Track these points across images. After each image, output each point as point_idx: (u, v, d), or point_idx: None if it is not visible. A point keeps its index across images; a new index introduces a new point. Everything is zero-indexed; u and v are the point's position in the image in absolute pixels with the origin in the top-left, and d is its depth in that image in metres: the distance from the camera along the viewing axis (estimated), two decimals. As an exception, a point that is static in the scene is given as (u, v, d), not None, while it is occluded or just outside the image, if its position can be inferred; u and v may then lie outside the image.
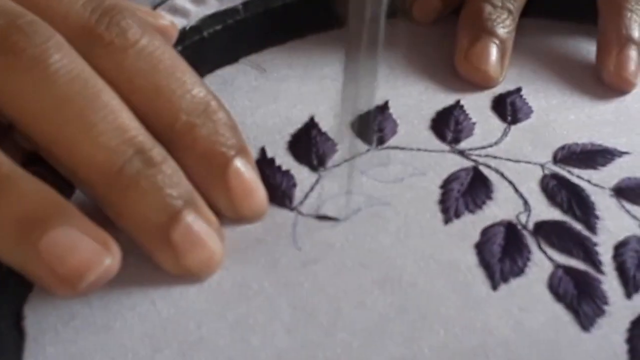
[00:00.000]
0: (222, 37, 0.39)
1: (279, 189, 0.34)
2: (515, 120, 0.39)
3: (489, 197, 0.35)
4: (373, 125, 0.37)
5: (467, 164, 0.36)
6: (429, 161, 0.36)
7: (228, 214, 0.31)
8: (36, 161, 0.30)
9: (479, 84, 0.40)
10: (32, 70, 0.28)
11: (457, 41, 0.41)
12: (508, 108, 0.39)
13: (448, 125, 0.38)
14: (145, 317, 0.29)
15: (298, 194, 0.34)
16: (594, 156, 0.37)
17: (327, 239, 0.32)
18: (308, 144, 0.36)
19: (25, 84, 0.28)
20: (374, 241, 0.32)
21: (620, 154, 0.37)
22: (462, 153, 0.37)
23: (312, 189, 0.34)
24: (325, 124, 0.37)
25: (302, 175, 0.35)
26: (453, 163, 0.36)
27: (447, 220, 0.33)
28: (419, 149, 0.37)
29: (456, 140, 0.37)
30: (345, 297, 0.30)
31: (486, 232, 0.33)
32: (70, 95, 0.28)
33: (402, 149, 0.37)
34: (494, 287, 0.31)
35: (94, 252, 0.27)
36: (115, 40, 0.30)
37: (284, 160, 0.36)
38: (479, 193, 0.35)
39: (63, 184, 0.30)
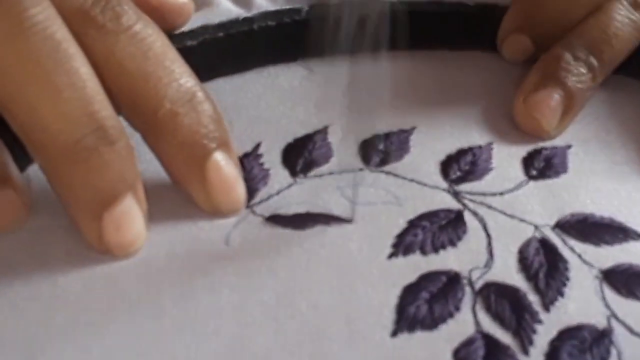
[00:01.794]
0: (273, 34, 0.40)
1: (247, 184, 0.34)
2: (540, 176, 0.35)
3: (453, 244, 0.32)
4: (376, 147, 0.36)
5: (455, 206, 0.34)
6: (415, 194, 0.34)
7: (204, 206, 0.32)
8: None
9: (530, 133, 0.37)
10: (5, 19, 0.27)
11: (524, 83, 0.39)
12: (540, 163, 0.36)
13: (459, 163, 0.36)
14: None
15: (263, 193, 0.34)
16: (604, 231, 0.33)
17: (257, 243, 0.32)
18: (302, 149, 0.36)
19: None
20: (298, 259, 0.31)
21: (638, 237, 0.32)
22: (456, 194, 0.34)
23: (278, 192, 0.34)
24: (337, 136, 0.37)
25: (278, 177, 0.34)
26: (440, 201, 0.34)
27: (391, 255, 0.31)
28: (412, 180, 0.35)
29: (459, 180, 0.35)
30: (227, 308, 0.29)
31: (424, 278, 0.31)
32: (39, 54, 0.28)
33: (395, 175, 0.35)
34: (394, 333, 0.29)
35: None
36: (108, 24, 0.30)
37: (272, 159, 0.35)
38: (444, 237, 0.32)
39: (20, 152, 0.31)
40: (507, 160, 0.36)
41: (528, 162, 0.36)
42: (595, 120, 0.39)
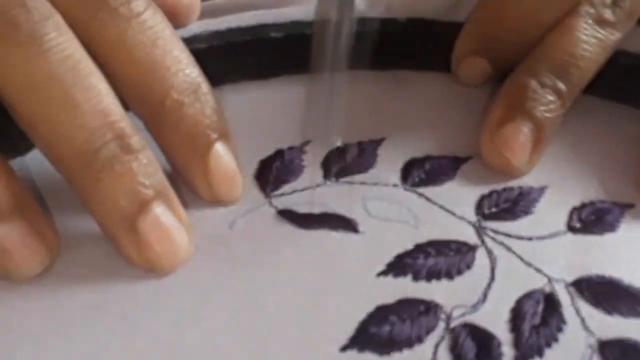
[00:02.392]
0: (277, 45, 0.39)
1: (278, 174, 0.34)
2: (583, 230, 0.32)
3: (450, 277, 0.31)
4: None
5: (473, 240, 0.32)
6: (437, 220, 0.33)
7: (204, 195, 0.32)
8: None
9: (499, 171, 0.34)
10: (26, 44, 0.28)
11: (488, 117, 0.35)
12: (590, 216, 0.33)
13: (499, 199, 0.34)
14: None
15: (288, 187, 0.34)
16: (624, 300, 0.30)
17: (257, 233, 0.32)
18: (344, 155, 0.35)
19: (17, 57, 0.28)
20: (287, 256, 0.31)
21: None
22: (480, 229, 0.32)
23: (303, 189, 0.34)
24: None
25: (311, 175, 0.34)
26: (459, 232, 0.32)
27: (381, 273, 0.31)
28: (441, 206, 0.33)
29: (491, 216, 0.33)
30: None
31: (402, 302, 0.30)
32: (59, 74, 0.29)
33: (427, 199, 0.34)
34: (344, 348, 0.28)
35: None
36: (120, 8, 0.31)
37: (314, 158, 0.35)
38: (443, 268, 0.31)
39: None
40: (555, 206, 0.33)
41: (576, 212, 0.33)
42: (573, 152, 0.36)
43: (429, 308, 0.29)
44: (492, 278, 0.30)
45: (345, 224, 0.32)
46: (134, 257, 0.29)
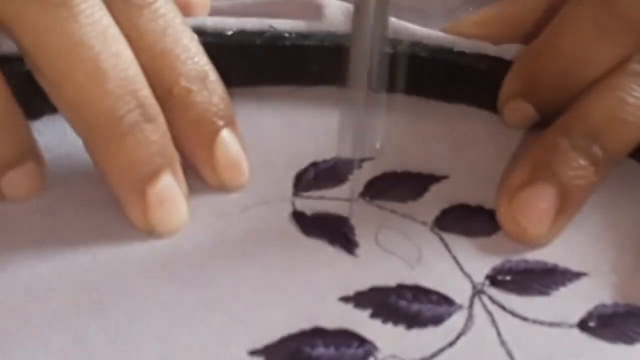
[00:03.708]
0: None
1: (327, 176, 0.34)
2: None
3: (409, 327, 0.28)
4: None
5: (465, 301, 0.29)
6: (439, 269, 0.30)
7: (211, 181, 0.33)
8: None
9: (514, 239, 0.31)
10: (58, 7, 0.29)
11: (510, 176, 0.32)
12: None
13: (516, 271, 0.30)
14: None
15: (326, 192, 0.33)
16: None
17: (255, 227, 0.32)
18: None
19: (49, 20, 0.29)
20: (265, 258, 0.30)
21: None
22: (478, 293, 0.29)
23: (331, 199, 0.33)
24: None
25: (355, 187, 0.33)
26: (455, 289, 0.29)
27: (344, 299, 0.29)
28: (454, 257, 0.31)
29: (500, 284, 0.30)
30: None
31: (342, 332, 0.28)
32: (89, 39, 0.29)
33: (448, 250, 0.31)
34: (253, 353, 0.27)
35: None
36: None
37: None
38: (406, 316, 0.28)
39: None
40: (578, 297, 0.29)
41: (599, 309, 0.29)
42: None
43: (363, 348, 0.27)
44: (452, 344, 0.27)
45: (345, 242, 0.31)
46: (139, 220, 0.31)
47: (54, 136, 0.34)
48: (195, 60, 0.32)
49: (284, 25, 0.38)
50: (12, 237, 0.30)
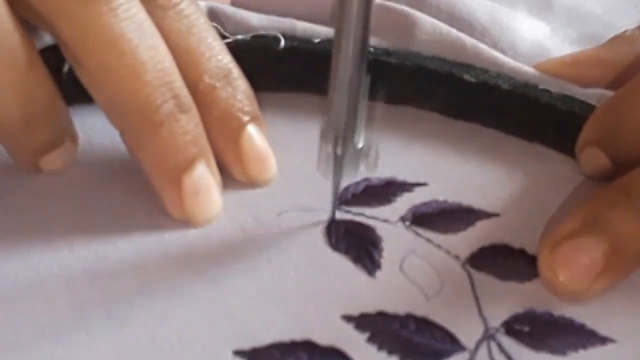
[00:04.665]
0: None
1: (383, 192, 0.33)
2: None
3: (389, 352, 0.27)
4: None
5: (470, 343, 0.28)
6: (453, 304, 0.29)
7: (239, 177, 0.33)
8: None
9: (549, 289, 0.29)
10: (98, 1, 0.30)
11: (558, 223, 0.30)
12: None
13: (540, 323, 0.28)
14: None
15: (383, 210, 0.33)
16: None
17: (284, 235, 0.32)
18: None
19: (89, 13, 0.30)
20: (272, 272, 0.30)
21: None
22: (489, 338, 0.28)
23: (377, 218, 0.32)
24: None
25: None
26: (468, 330, 0.28)
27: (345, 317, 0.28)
28: (474, 291, 0.29)
29: (518, 334, 0.28)
30: None
31: (327, 351, 0.27)
32: (127, 32, 0.30)
33: (470, 280, 0.30)
34: (237, 353, 0.27)
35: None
36: (159, 0, 0.32)
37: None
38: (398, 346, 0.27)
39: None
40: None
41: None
42: None
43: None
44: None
45: (368, 263, 0.30)
46: (175, 208, 0.31)
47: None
48: (219, 58, 0.33)
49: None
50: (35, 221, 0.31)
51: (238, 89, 0.33)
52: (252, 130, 0.33)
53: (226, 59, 0.33)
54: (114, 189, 0.32)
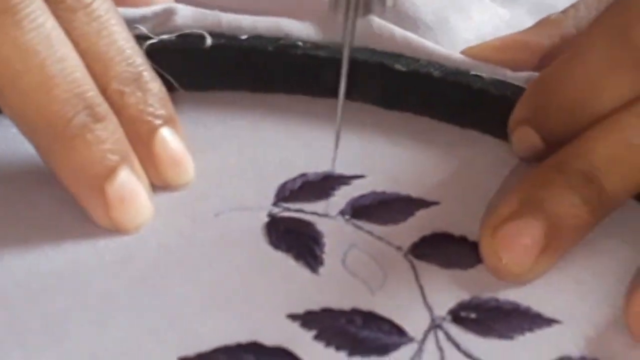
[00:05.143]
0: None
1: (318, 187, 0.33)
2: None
3: (340, 349, 0.27)
4: None
5: (418, 334, 0.27)
6: (398, 296, 0.29)
7: (154, 180, 0.32)
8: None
9: (493, 273, 0.29)
10: (1, 14, 0.29)
11: (496, 207, 0.30)
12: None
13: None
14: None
15: (315, 205, 0.32)
16: None
17: (225, 232, 0.31)
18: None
19: None
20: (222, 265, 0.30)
21: None
22: (435, 328, 0.27)
23: (315, 213, 0.32)
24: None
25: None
26: (412, 318, 0.28)
27: (291, 316, 0.28)
28: (421, 286, 0.29)
29: (465, 322, 0.28)
30: None
31: (276, 351, 0.27)
32: (34, 45, 0.29)
33: (415, 275, 0.29)
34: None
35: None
36: (68, 0, 0.31)
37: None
38: (347, 340, 0.27)
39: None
40: (546, 346, 0.27)
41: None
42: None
43: (294, 364, 0.26)
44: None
45: (310, 259, 0.30)
46: (102, 219, 0.30)
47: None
48: (130, 62, 0.32)
49: (299, 32, 0.37)
50: None
51: (149, 92, 0.32)
52: (165, 133, 0.32)
53: (138, 62, 0.32)
54: (42, 197, 0.31)
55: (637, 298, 0.28)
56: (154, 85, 0.32)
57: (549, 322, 0.28)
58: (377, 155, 0.34)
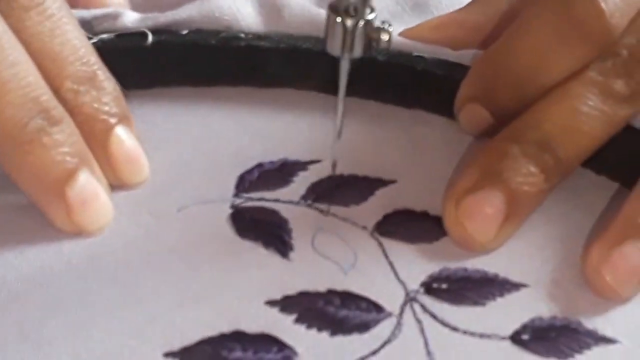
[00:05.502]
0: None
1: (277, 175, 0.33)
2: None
3: (332, 330, 0.27)
4: None
5: (395, 308, 0.28)
6: (371, 273, 0.29)
7: (110, 180, 0.32)
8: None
9: (459, 244, 0.30)
10: None
11: (457, 180, 0.31)
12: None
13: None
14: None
15: (277, 193, 0.33)
16: None
17: (193, 223, 0.31)
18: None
19: None
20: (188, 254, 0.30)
21: None
22: (410, 301, 0.28)
23: (279, 200, 0.32)
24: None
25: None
26: (387, 293, 0.28)
27: (270, 302, 0.28)
28: (390, 263, 0.30)
29: (435, 292, 0.29)
30: None
31: (262, 337, 0.27)
32: None
33: (382, 250, 0.30)
34: (167, 355, 0.26)
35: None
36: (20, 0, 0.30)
37: None
38: (331, 322, 0.27)
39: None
40: (516, 309, 0.28)
41: (535, 323, 0.27)
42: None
43: (282, 353, 0.26)
44: (375, 352, 0.26)
45: (280, 245, 0.30)
46: (64, 222, 0.30)
47: None
48: (84, 61, 0.31)
49: (242, 24, 0.37)
50: None
51: (103, 91, 0.31)
52: (120, 132, 0.32)
53: (92, 61, 0.32)
54: (2, 205, 0.31)
55: (592, 256, 0.29)
56: (109, 84, 0.32)
57: (517, 286, 0.29)
58: (329, 140, 0.35)
